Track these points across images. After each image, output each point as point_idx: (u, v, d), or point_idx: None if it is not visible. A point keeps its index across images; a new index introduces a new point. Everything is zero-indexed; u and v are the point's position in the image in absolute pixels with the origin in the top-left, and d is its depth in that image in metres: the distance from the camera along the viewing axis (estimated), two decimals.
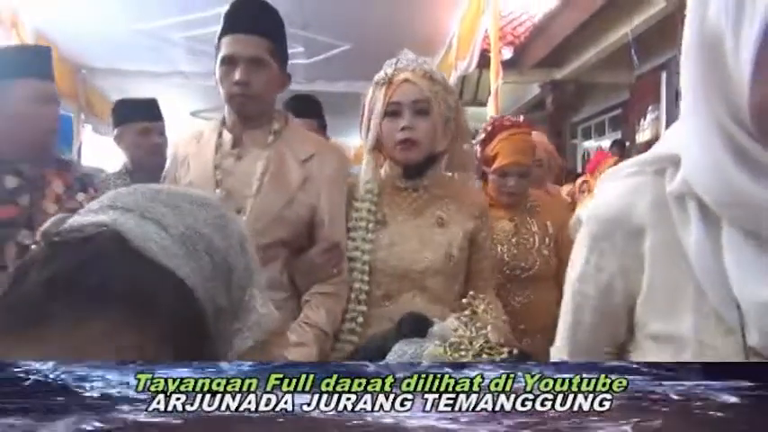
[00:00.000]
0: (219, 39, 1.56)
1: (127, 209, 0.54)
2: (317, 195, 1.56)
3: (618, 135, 7.46)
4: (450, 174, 1.67)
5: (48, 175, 1.72)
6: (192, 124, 8.03)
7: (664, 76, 5.21)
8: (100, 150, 6.20)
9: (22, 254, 1.58)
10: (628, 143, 6.75)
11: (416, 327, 0.71)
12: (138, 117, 2.60)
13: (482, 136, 2.13)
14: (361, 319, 1.54)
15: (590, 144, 8.76)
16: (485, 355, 0.66)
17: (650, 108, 6.16)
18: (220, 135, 1.60)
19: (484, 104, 8.66)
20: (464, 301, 0.72)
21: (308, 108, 2.80)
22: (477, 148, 2.10)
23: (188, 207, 0.57)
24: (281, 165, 1.56)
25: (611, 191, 0.91)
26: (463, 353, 0.66)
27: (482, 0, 4.82)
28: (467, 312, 0.69)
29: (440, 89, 1.56)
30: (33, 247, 0.53)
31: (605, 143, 7.76)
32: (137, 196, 0.56)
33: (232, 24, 1.54)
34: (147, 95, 3.06)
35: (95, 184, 1.87)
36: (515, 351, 0.67)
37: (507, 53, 5.74)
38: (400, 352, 0.68)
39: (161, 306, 0.49)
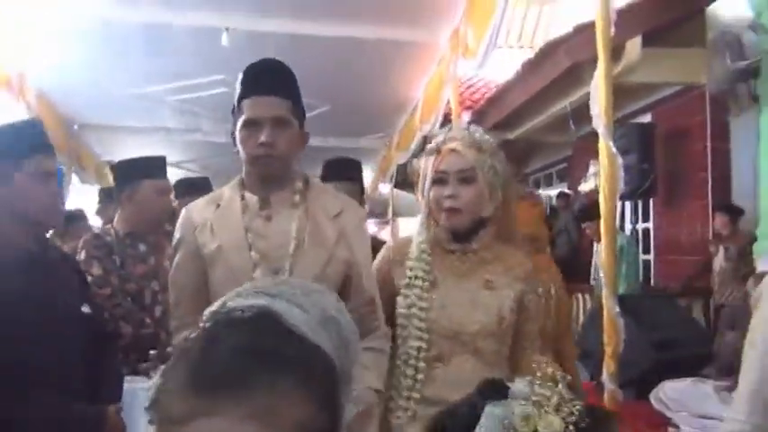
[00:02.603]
0: (239, 101, 1.53)
1: (272, 295, 0.62)
2: (351, 250, 1.56)
3: (564, 185, 8.33)
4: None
5: (162, 242, 2.33)
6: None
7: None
8: (85, 200, 6.57)
9: (154, 299, 2.21)
10: (572, 192, 7.61)
11: (496, 390, 0.75)
12: (194, 194, 3.22)
13: None
14: (421, 377, 1.53)
15: (540, 192, 9.63)
16: (565, 408, 0.70)
17: (591, 162, 7.03)
18: (243, 197, 1.57)
19: None
20: (533, 364, 0.76)
21: (349, 171, 2.83)
22: None
23: (316, 294, 0.66)
24: (315, 223, 1.55)
25: None
26: (547, 408, 0.71)
27: (444, 72, 5.56)
28: (538, 374, 0.74)
29: (486, 158, 1.57)
30: (201, 325, 0.61)
31: (554, 192, 8.62)
32: (278, 286, 0.64)
33: (253, 87, 1.52)
34: (132, 148, 3.51)
35: None
36: (586, 405, 0.71)
37: (466, 117, 6.54)
38: (490, 414, 0.72)
39: (318, 373, 0.56)
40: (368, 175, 10.97)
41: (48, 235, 1.76)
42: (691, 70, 4.49)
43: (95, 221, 4.95)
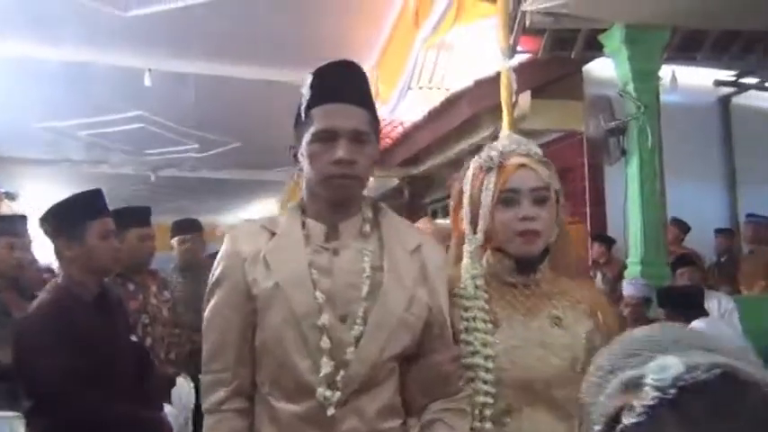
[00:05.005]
0: (308, 109, 1.27)
1: (708, 350, 0.56)
2: (433, 294, 1.31)
3: None
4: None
5: (146, 281, 2.69)
6: None
7: None
8: None
9: (144, 331, 2.53)
10: None
11: None
12: (182, 232, 3.46)
13: None
14: None
15: (438, 221, 10.28)
16: None
17: None
18: (304, 225, 1.31)
19: None
20: None
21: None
22: None
23: (728, 340, 0.58)
24: (391, 258, 1.29)
25: None
26: None
27: None
28: None
29: (554, 175, 1.37)
30: (652, 395, 0.53)
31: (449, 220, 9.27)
32: (700, 338, 0.58)
33: (329, 93, 1.26)
34: (31, 180, 3.60)
35: (170, 284, 2.88)
36: None
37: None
38: None
39: None
40: (273, 205, 11.20)
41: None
42: (571, 119, 5.19)
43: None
